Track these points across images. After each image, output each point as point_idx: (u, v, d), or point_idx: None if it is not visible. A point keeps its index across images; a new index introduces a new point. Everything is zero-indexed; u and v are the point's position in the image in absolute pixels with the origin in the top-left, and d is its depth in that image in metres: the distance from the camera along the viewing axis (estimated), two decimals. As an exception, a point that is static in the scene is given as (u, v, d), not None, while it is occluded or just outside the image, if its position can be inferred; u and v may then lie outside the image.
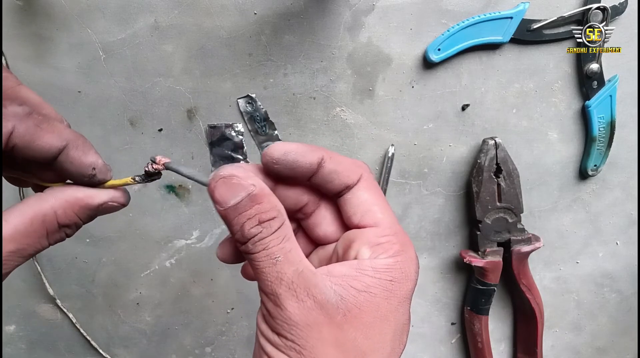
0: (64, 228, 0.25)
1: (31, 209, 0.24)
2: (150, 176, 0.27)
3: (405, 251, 0.25)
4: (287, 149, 0.24)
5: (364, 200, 0.26)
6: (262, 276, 0.23)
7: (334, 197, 0.27)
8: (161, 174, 0.27)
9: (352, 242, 0.26)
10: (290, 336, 0.22)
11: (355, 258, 0.25)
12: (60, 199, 0.24)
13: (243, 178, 0.23)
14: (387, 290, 0.23)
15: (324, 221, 0.28)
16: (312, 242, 0.30)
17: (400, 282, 0.24)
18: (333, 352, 0.22)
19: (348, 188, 0.26)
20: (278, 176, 0.26)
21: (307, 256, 0.29)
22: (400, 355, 0.25)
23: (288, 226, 0.24)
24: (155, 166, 0.26)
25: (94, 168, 0.25)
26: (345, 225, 0.27)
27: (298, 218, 0.29)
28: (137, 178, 0.27)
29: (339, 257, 0.26)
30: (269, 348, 0.23)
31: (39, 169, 0.26)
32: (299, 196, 0.27)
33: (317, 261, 0.29)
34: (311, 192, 0.27)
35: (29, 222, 0.23)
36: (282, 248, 0.23)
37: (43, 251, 0.51)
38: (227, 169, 0.24)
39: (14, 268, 0.24)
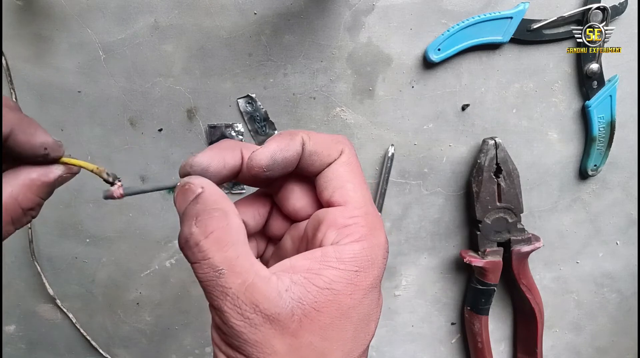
0: (29, 212, 0.24)
1: None
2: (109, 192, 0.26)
3: (373, 235, 0.23)
4: (271, 152, 0.23)
5: (338, 175, 0.24)
6: (206, 290, 0.21)
7: (314, 177, 0.25)
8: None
9: (320, 223, 0.24)
10: (242, 350, 0.21)
11: (322, 243, 0.23)
12: (17, 185, 0.23)
13: (195, 183, 0.23)
14: (352, 283, 0.22)
15: (292, 195, 0.26)
16: (288, 218, 0.28)
17: (366, 271, 0.22)
18: None
19: (329, 166, 0.24)
20: (269, 180, 0.24)
21: (281, 236, 0.28)
22: (368, 343, 0.23)
23: (236, 229, 0.22)
24: (117, 194, 0.26)
25: (45, 148, 0.24)
26: (318, 200, 0.25)
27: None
28: (105, 175, 0.26)
29: (309, 239, 0.25)
30: None
31: None
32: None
33: (289, 242, 0.27)
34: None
35: None
36: (225, 257, 0.21)
37: (43, 251, 0.51)
38: (185, 179, 0.23)
39: None
